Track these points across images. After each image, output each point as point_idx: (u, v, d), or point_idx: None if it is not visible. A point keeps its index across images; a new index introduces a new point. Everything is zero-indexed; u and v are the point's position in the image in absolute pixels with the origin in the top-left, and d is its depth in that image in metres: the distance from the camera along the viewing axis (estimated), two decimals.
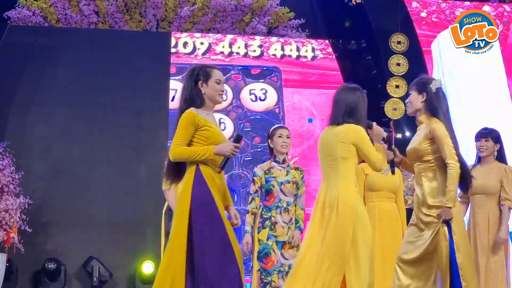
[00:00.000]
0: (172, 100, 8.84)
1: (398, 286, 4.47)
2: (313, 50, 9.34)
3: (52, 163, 8.44)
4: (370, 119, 4.54)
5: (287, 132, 5.53)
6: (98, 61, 8.73)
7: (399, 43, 9.08)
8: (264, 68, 9.22)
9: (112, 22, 9.75)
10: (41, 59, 8.65)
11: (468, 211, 5.75)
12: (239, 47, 9.22)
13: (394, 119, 8.96)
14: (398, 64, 9.05)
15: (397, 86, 8.94)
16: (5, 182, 7.36)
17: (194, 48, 9.13)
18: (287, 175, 5.43)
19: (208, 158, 4.03)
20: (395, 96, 8.91)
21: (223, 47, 9.19)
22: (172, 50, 9.04)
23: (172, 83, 8.93)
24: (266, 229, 5.34)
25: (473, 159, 5.76)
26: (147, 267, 8.03)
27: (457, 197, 4.40)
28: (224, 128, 8.75)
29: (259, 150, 8.73)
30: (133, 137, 8.65)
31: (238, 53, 9.20)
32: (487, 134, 5.65)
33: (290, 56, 9.29)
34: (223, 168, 4.08)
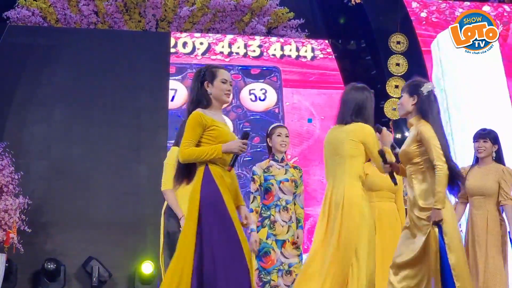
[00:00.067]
0: (171, 100, 8.84)
1: None
2: (312, 50, 9.34)
3: (52, 163, 8.44)
4: None
5: (286, 131, 5.52)
6: (97, 61, 8.73)
7: (398, 43, 9.08)
8: (264, 68, 9.22)
9: (111, 22, 9.74)
10: (40, 59, 8.64)
11: (467, 211, 5.76)
12: (238, 47, 9.21)
13: (394, 119, 8.97)
14: (398, 64, 9.05)
15: (396, 86, 8.94)
16: (4, 182, 7.36)
17: (194, 48, 9.13)
18: (285, 173, 5.41)
19: (217, 157, 4.04)
20: (395, 96, 8.91)
21: (223, 47, 9.18)
22: (172, 50, 9.04)
23: (172, 83, 8.92)
24: (265, 228, 5.31)
25: (472, 159, 5.77)
26: (146, 267, 8.02)
27: (447, 198, 4.37)
28: None
29: (258, 150, 8.72)
30: (132, 137, 8.64)
31: (237, 53, 9.20)
32: (485, 135, 5.64)
33: (289, 56, 9.29)
34: (233, 165, 4.08)
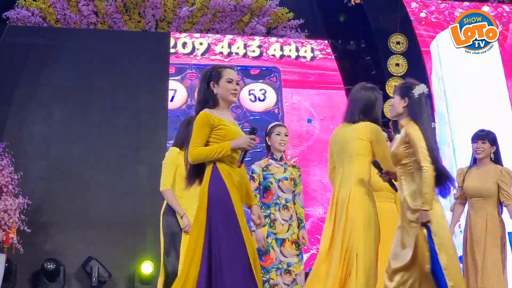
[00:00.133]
0: (171, 100, 8.84)
1: None
2: (312, 50, 9.34)
3: (51, 163, 8.44)
4: None
5: (285, 130, 5.51)
6: (97, 61, 8.73)
7: (398, 43, 9.09)
8: (263, 68, 9.22)
9: (111, 23, 9.75)
10: (40, 59, 8.64)
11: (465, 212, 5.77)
12: (238, 48, 9.22)
13: (393, 119, 8.96)
14: (397, 65, 9.05)
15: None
16: (4, 183, 7.36)
17: (193, 49, 9.13)
18: (284, 172, 5.40)
19: (225, 154, 4.04)
20: None
21: (222, 47, 9.18)
22: (171, 50, 9.04)
23: (171, 83, 8.93)
24: (265, 226, 5.30)
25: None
26: (146, 267, 8.01)
27: (436, 199, 4.35)
28: None
29: (258, 150, 8.69)
30: (132, 137, 8.64)
31: (237, 53, 9.20)
32: (484, 136, 5.65)
33: (289, 56, 9.29)
34: (242, 161, 4.10)
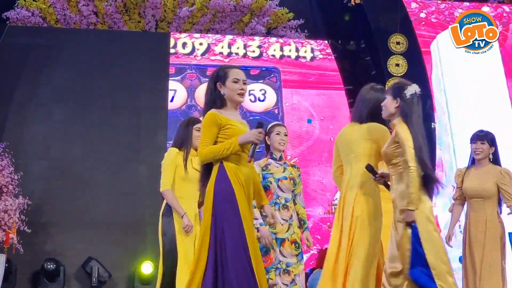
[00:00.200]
0: (171, 100, 8.85)
1: None
2: (312, 50, 9.35)
3: (51, 163, 8.44)
4: None
5: (285, 130, 5.51)
6: (97, 61, 8.73)
7: (398, 43, 9.09)
8: (263, 68, 9.22)
9: (111, 23, 9.75)
10: (40, 59, 8.65)
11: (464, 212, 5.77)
12: (238, 48, 9.22)
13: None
14: (397, 65, 9.05)
15: None
16: (4, 183, 7.36)
17: (193, 49, 9.13)
18: (284, 171, 5.39)
19: (234, 150, 4.06)
20: None
21: (222, 47, 9.19)
22: (171, 51, 9.05)
23: (171, 83, 8.93)
24: (266, 226, 5.30)
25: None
26: (146, 268, 8.01)
27: (427, 199, 4.32)
28: None
29: (258, 151, 8.67)
30: (132, 137, 8.64)
31: (237, 53, 9.20)
32: (483, 137, 5.65)
33: (289, 56, 9.29)
34: (252, 156, 4.11)
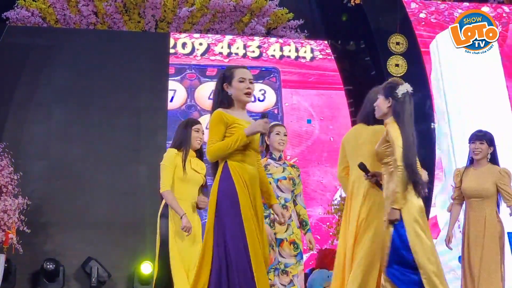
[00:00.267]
0: (171, 100, 8.85)
1: None
2: (312, 51, 9.34)
3: (51, 163, 8.44)
4: None
5: (285, 129, 5.50)
6: (96, 61, 8.73)
7: (398, 44, 9.08)
8: (263, 68, 9.22)
9: (111, 23, 9.75)
10: (39, 59, 8.64)
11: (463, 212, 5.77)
12: (238, 48, 9.22)
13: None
14: (397, 65, 9.05)
15: None
16: (3, 183, 7.36)
17: (193, 49, 9.13)
18: (283, 171, 5.38)
19: (242, 141, 4.03)
20: None
21: (222, 47, 9.19)
22: (171, 51, 9.05)
23: (171, 83, 8.93)
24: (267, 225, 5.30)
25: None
26: (145, 268, 8.01)
27: (418, 199, 4.29)
28: None
29: None
30: (131, 137, 8.64)
31: (237, 53, 9.20)
32: (481, 137, 5.65)
33: (289, 57, 9.29)
34: (263, 144, 4.11)
